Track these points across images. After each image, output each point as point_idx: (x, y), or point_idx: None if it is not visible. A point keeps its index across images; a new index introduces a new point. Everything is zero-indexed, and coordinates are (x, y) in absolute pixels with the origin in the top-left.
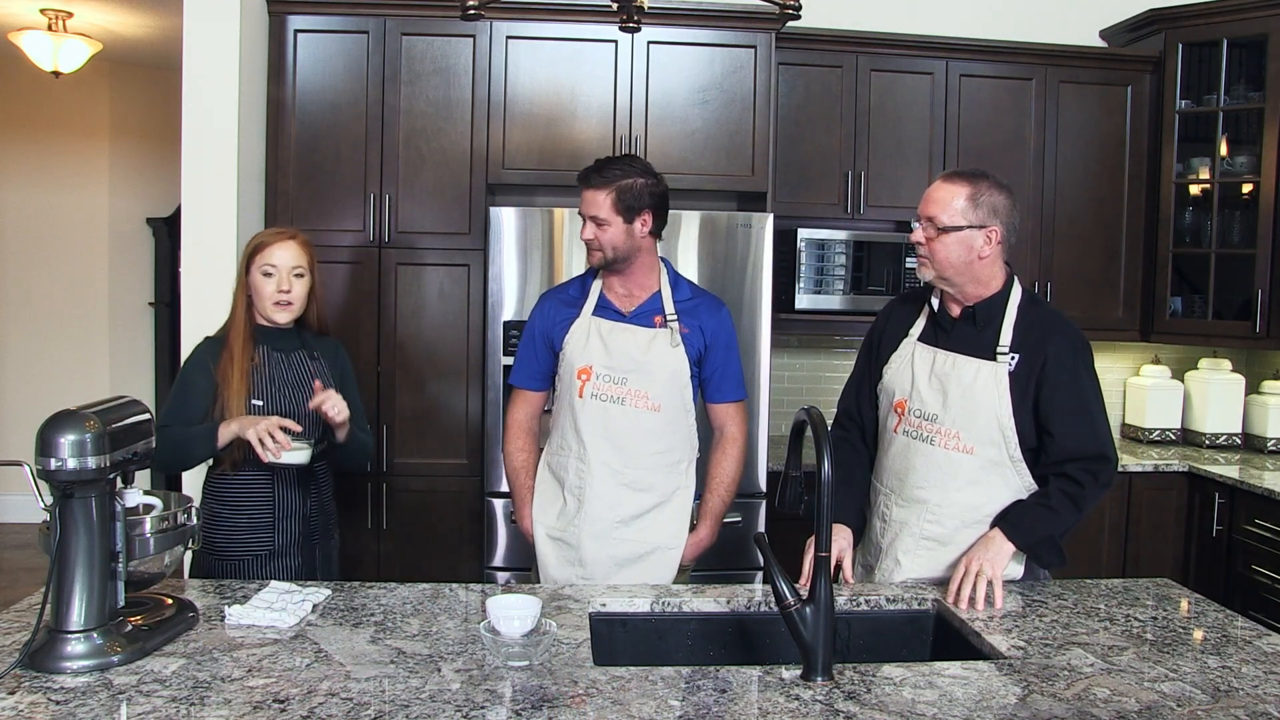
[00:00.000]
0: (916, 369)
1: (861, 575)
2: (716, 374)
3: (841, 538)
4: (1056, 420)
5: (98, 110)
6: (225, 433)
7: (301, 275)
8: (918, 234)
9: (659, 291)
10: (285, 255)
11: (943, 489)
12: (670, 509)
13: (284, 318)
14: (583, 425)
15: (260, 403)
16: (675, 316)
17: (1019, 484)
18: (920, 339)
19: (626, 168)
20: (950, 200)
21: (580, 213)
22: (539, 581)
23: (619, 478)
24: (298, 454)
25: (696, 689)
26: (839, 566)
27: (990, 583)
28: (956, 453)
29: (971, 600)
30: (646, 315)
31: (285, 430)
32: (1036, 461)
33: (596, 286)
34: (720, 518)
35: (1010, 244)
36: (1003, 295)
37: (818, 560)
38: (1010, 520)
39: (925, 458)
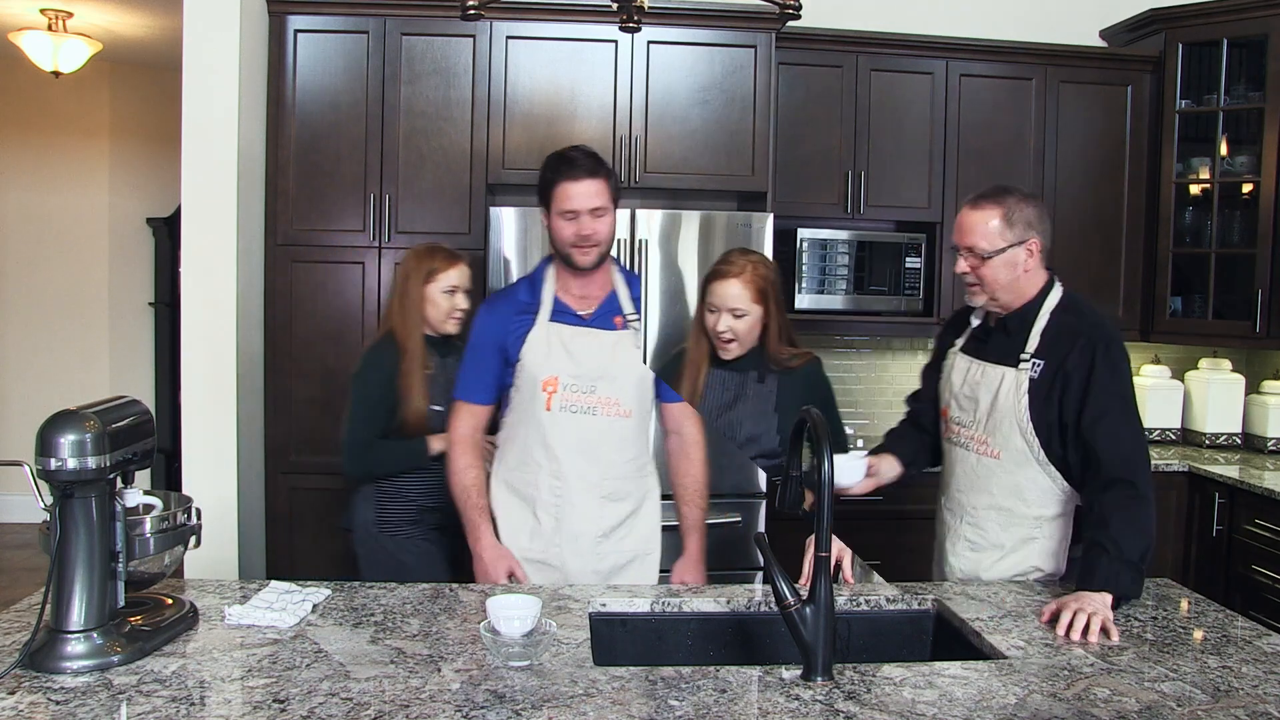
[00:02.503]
0: (954, 378)
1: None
2: None
3: (887, 464)
4: (1085, 430)
5: (98, 110)
6: (435, 446)
7: (470, 292)
8: (962, 265)
9: (614, 290)
10: (461, 277)
11: (977, 493)
12: (643, 514)
13: (456, 329)
14: (554, 439)
15: (440, 408)
16: (636, 315)
17: (1049, 484)
18: (962, 349)
19: (599, 156)
20: (985, 226)
21: (570, 209)
22: None
23: (598, 490)
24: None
25: (696, 689)
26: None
27: (1103, 623)
28: (987, 458)
29: (1078, 629)
30: (606, 317)
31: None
32: (1083, 481)
33: (549, 290)
34: (704, 527)
35: (1047, 248)
36: (1036, 302)
37: (817, 560)
38: (1092, 577)
39: (963, 463)
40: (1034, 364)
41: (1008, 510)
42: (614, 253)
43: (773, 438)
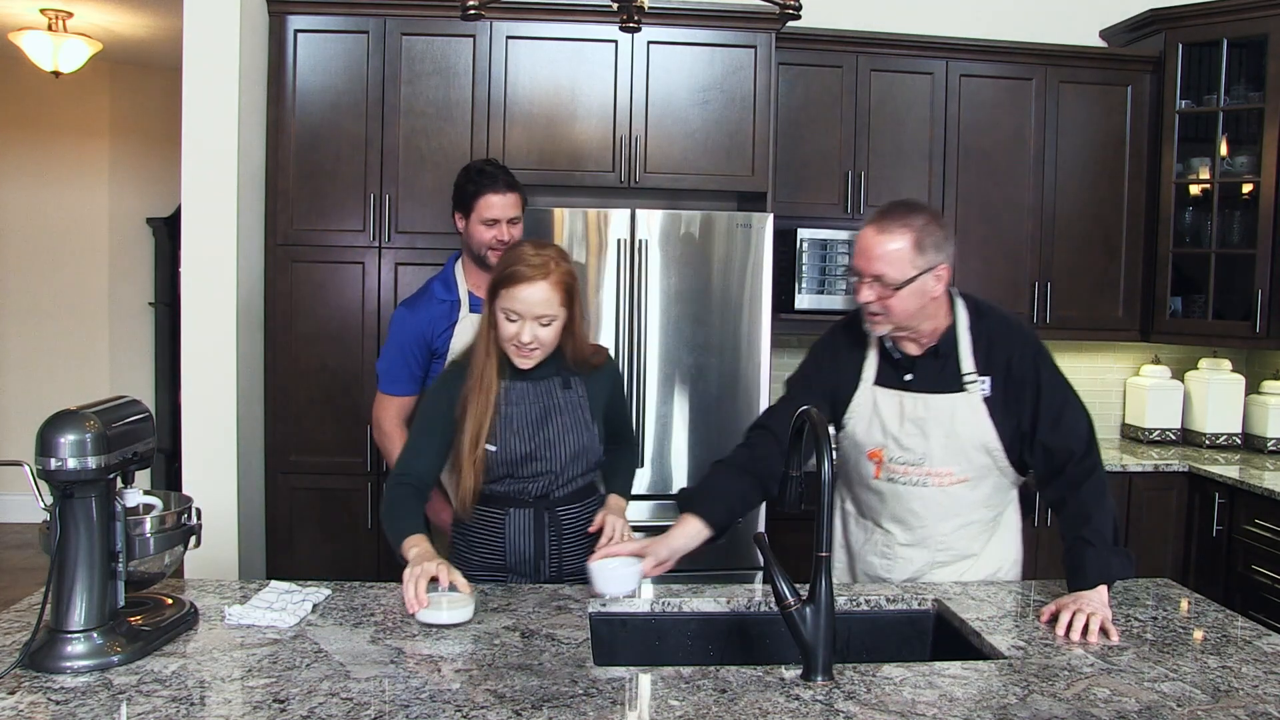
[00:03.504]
0: (885, 416)
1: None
2: None
3: (684, 535)
4: (1044, 427)
5: (98, 110)
6: (403, 551)
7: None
8: (866, 294)
9: None
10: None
11: (947, 520)
12: None
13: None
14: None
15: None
16: None
17: (1006, 482)
18: (878, 383)
19: (510, 171)
20: (895, 253)
21: (492, 217)
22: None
23: None
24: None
25: (696, 689)
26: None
27: (1102, 622)
28: (954, 487)
29: (1083, 630)
30: None
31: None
32: (1046, 477)
33: (464, 286)
34: None
35: (953, 271)
36: (953, 321)
37: (817, 560)
38: (1084, 573)
39: (923, 501)
40: (982, 382)
41: (976, 522)
42: (615, 253)
43: (597, 448)
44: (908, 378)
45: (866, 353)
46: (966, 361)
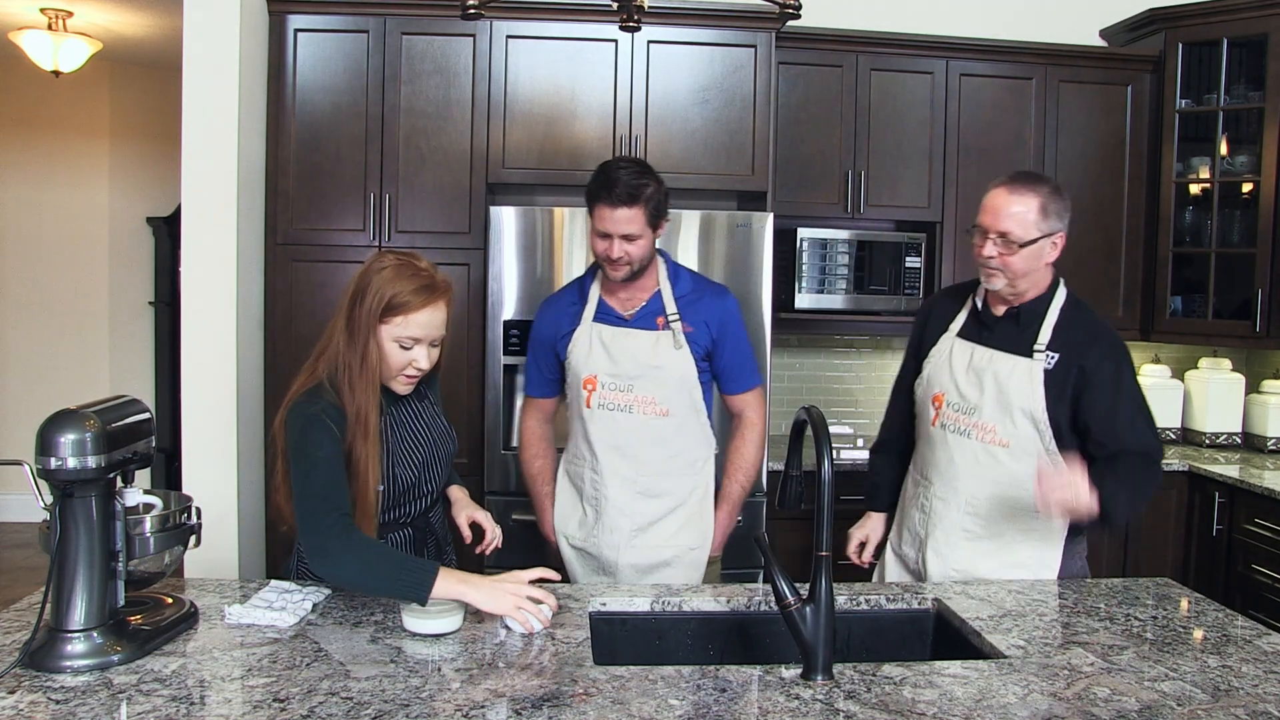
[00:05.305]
0: (955, 363)
1: (897, 567)
2: (730, 366)
3: (870, 526)
4: (1105, 426)
5: (98, 110)
6: (450, 590)
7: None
8: (990, 250)
9: (659, 290)
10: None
11: (980, 481)
12: (687, 511)
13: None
14: (593, 436)
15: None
16: (677, 316)
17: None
18: (960, 334)
19: (645, 177)
20: (1024, 214)
21: (603, 230)
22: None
23: (632, 486)
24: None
25: (696, 689)
26: (865, 547)
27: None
28: (994, 445)
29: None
30: (648, 317)
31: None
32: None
33: (595, 292)
34: (738, 502)
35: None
36: (1047, 295)
37: (817, 560)
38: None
39: (963, 451)
40: (1049, 356)
41: (1012, 499)
42: None
43: (457, 446)
44: (988, 336)
45: (961, 308)
46: (1044, 334)
